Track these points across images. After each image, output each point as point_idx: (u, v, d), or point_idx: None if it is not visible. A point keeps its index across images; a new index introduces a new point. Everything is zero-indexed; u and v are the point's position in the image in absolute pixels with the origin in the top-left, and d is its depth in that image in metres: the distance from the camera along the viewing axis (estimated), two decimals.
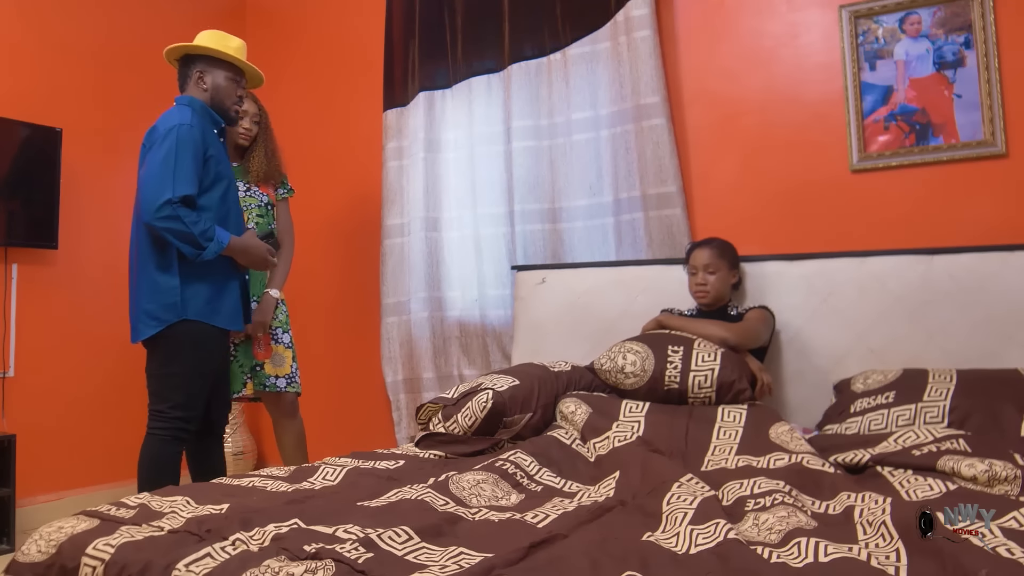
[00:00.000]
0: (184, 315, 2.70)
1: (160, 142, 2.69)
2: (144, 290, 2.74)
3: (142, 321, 2.74)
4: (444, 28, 3.99)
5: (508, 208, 3.78)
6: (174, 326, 2.70)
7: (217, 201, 2.78)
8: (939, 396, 2.33)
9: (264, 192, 3.39)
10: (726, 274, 2.89)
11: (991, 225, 2.86)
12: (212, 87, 2.89)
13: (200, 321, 2.73)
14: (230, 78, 2.92)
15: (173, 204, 2.60)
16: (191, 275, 2.72)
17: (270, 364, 3.29)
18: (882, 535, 1.48)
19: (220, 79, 2.90)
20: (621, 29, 3.50)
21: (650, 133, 3.40)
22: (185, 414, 2.74)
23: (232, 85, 2.93)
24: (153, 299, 2.71)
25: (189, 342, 2.72)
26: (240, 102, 2.99)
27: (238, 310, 2.87)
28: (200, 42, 2.89)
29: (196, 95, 2.88)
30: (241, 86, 2.98)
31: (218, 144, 2.86)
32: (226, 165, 2.86)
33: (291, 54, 4.80)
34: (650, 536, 1.54)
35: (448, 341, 3.93)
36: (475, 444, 2.41)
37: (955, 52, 2.97)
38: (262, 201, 3.37)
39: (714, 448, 2.30)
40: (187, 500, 1.77)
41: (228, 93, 2.91)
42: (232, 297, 2.84)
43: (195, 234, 2.63)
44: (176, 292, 2.70)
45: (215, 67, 2.89)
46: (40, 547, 1.58)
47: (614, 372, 2.67)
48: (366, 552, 1.38)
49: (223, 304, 2.80)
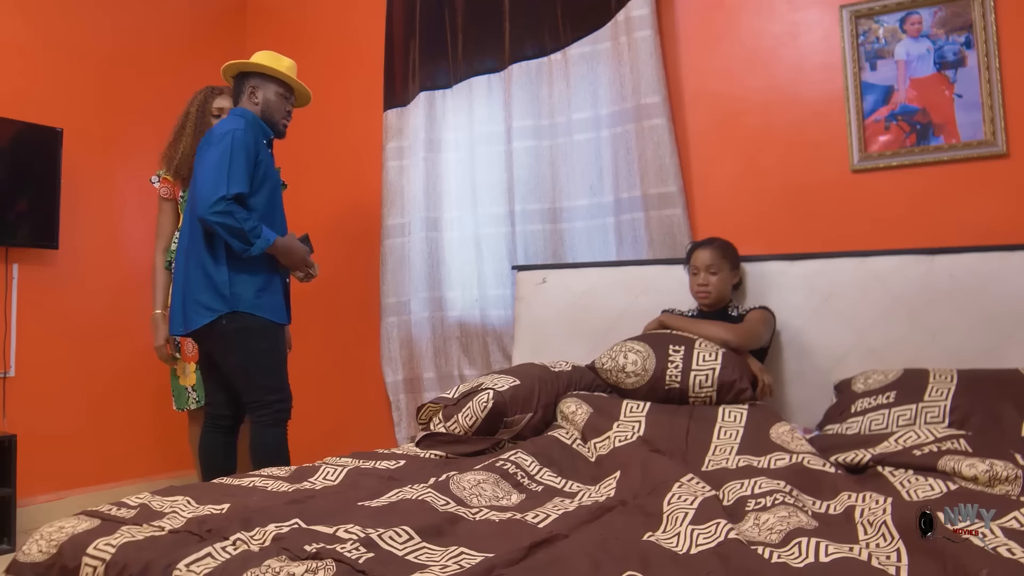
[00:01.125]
0: (236, 307, 2.85)
1: (216, 143, 2.85)
2: (197, 282, 2.88)
3: (194, 310, 2.87)
4: (444, 28, 3.99)
5: (509, 208, 3.78)
6: (232, 315, 2.85)
7: (264, 203, 2.94)
8: (940, 396, 2.33)
9: None
10: (728, 274, 2.89)
11: (992, 225, 2.86)
12: (263, 101, 3.06)
13: (253, 314, 2.88)
14: (280, 94, 3.10)
15: (227, 200, 2.76)
16: (240, 269, 2.88)
17: None
18: (883, 535, 1.48)
19: (271, 94, 3.08)
20: (622, 29, 3.50)
21: (651, 133, 3.40)
22: (283, 396, 2.97)
23: (281, 100, 3.10)
24: (206, 290, 2.86)
25: (254, 333, 2.89)
26: (288, 117, 3.15)
27: (282, 305, 3.01)
28: (255, 60, 3.09)
29: (248, 108, 3.06)
30: (290, 102, 3.15)
31: (267, 152, 3.01)
32: (273, 173, 3.03)
33: (291, 54, 4.76)
34: (651, 536, 1.54)
35: (448, 341, 3.93)
36: (476, 444, 2.42)
37: (956, 52, 2.97)
38: None
39: (715, 448, 2.30)
40: (188, 500, 1.77)
41: (278, 108, 3.09)
42: (276, 293, 2.98)
43: (245, 230, 2.78)
44: (227, 284, 2.86)
45: (267, 83, 3.08)
46: (41, 547, 1.58)
47: (615, 371, 2.67)
48: (367, 552, 1.38)
49: (273, 299, 2.95)
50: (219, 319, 2.84)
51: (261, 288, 2.91)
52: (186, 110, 3.37)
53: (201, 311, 2.85)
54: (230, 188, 2.77)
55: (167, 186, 3.39)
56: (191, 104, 3.38)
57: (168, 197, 3.40)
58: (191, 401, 3.34)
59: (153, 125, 4.32)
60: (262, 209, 2.93)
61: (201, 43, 4.70)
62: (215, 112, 3.33)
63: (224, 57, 4.83)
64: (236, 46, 4.93)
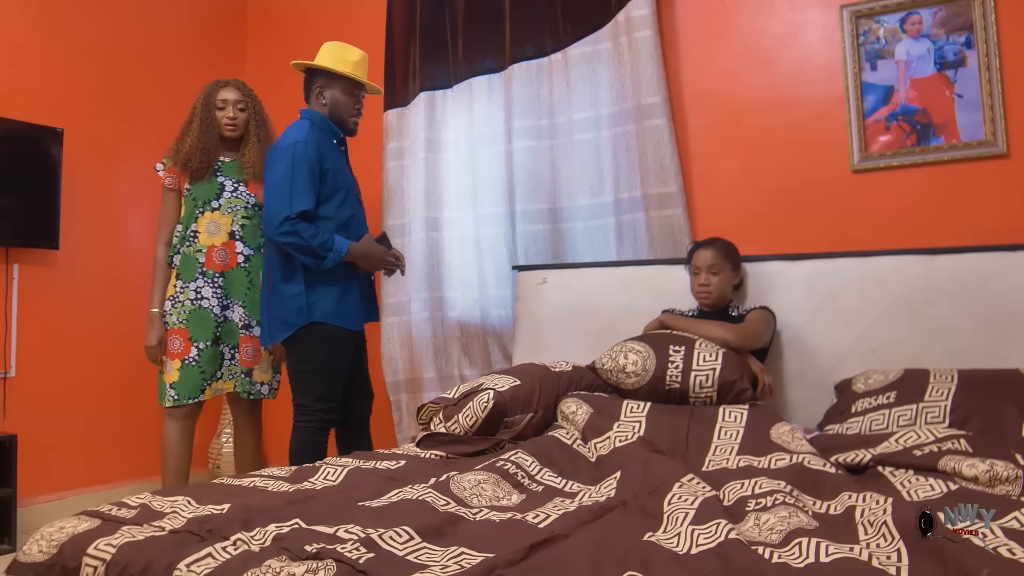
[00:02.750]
0: (311, 318, 2.97)
1: (279, 160, 2.95)
2: (275, 299, 3.03)
3: (276, 327, 3.03)
4: (445, 28, 3.99)
5: (509, 208, 3.78)
6: (304, 328, 2.97)
7: (336, 210, 3.03)
8: (940, 396, 2.33)
9: (253, 193, 3.36)
10: (729, 275, 2.89)
11: (992, 225, 2.86)
12: (331, 102, 3.12)
13: (323, 323, 2.98)
14: (347, 91, 3.13)
15: (291, 220, 2.86)
16: (315, 282, 2.99)
17: (258, 370, 3.36)
18: (883, 535, 1.48)
19: (338, 93, 3.11)
20: (622, 29, 3.50)
21: (651, 133, 3.40)
22: (326, 406, 3.02)
23: (349, 99, 3.14)
24: (283, 306, 2.99)
25: (319, 342, 3.00)
26: (358, 113, 3.19)
27: (359, 311, 3.10)
28: (320, 57, 3.13)
29: (317, 108, 3.13)
30: (358, 97, 3.18)
31: (336, 155, 3.09)
32: (344, 175, 3.09)
33: (291, 54, 4.78)
34: (651, 536, 1.54)
35: (449, 341, 3.93)
36: (476, 444, 2.42)
37: (956, 52, 2.97)
38: (249, 202, 3.35)
39: (715, 448, 2.30)
40: (188, 500, 1.77)
41: (346, 106, 3.13)
42: (353, 299, 3.07)
43: (314, 247, 2.89)
44: (302, 298, 2.97)
45: (333, 82, 3.12)
46: (41, 547, 1.58)
47: (615, 371, 2.67)
48: (367, 552, 1.38)
49: (346, 306, 3.04)
50: (298, 331, 2.97)
51: (338, 298, 3.01)
52: (193, 105, 3.35)
53: (281, 327, 3.00)
54: (293, 207, 2.87)
55: (172, 176, 3.33)
56: (198, 99, 3.35)
57: (172, 187, 3.34)
58: (168, 399, 3.22)
59: (154, 125, 4.32)
60: (336, 216, 3.02)
61: (201, 43, 4.70)
62: (219, 104, 3.30)
63: (224, 57, 4.86)
64: (236, 46, 4.94)
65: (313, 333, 2.98)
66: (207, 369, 3.24)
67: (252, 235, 3.35)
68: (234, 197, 3.32)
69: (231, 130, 3.32)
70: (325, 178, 2.99)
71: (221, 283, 3.28)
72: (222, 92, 3.33)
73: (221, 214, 3.30)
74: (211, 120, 3.30)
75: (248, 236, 3.34)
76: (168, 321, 3.24)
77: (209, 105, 3.31)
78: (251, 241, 3.35)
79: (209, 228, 3.28)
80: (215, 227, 3.29)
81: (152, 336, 3.26)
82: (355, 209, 3.13)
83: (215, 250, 3.28)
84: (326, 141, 3.05)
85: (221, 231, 3.29)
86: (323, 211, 2.99)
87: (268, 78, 4.89)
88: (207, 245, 3.27)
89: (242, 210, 3.33)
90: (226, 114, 3.31)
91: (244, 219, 3.34)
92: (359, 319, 3.12)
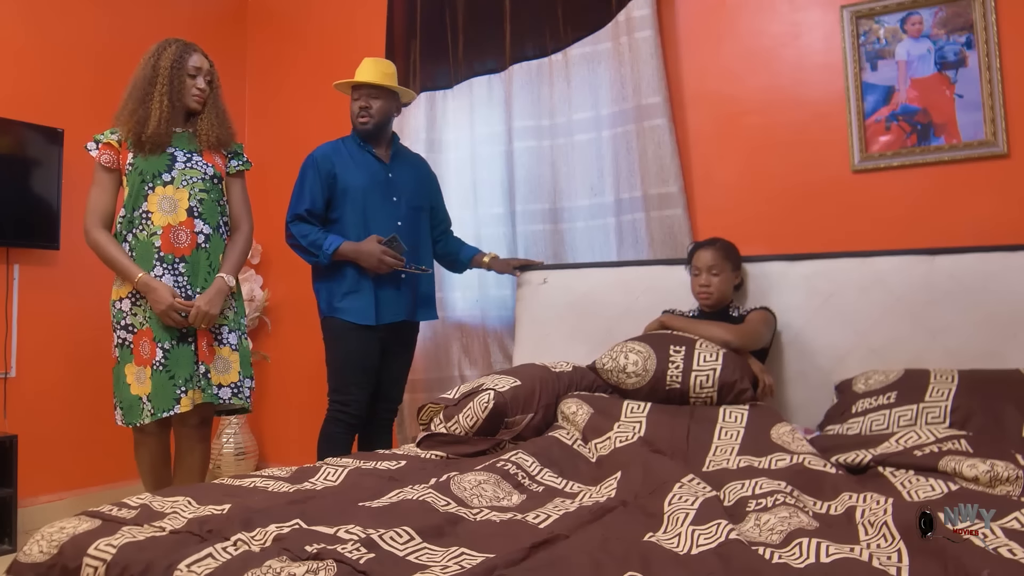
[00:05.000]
0: (324, 313, 3.23)
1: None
2: None
3: None
4: (445, 28, 3.99)
5: (509, 208, 3.78)
6: (323, 321, 3.24)
7: (347, 213, 3.21)
8: (941, 396, 2.33)
9: (210, 163, 2.94)
10: (729, 275, 2.89)
11: (993, 225, 2.86)
12: (351, 114, 3.31)
13: (334, 317, 3.18)
14: (353, 98, 3.31)
15: (287, 224, 3.18)
16: (327, 279, 3.21)
17: (214, 370, 2.88)
18: (884, 536, 1.48)
19: (350, 104, 3.32)
20: (622, 29, 3.50)
21: (651, 133, 3.40)
22: (339, 397, 3.19)
23: (353, 104, 3.30)
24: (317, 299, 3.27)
25: (330, 335, 3.23)
26: (361, 112, 3.27)
27: (370, 308, 3.17)
28: None
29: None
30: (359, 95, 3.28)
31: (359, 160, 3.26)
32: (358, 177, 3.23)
33: (292, 55, 4.80)
34: (652, 536, 1.54)
35: (449, 342, 3.93)
36: (476, 444, 2.42)
37: (956, 52, 2.97)
38: (207, 173, 2.91)
39: (715, 448, 2.30)
40: (188, 500, 1.77)
41: (353, 111, 3.30)
42: (365, 296, 3.17)
43: (304, 245, 3.14)
44: (318, 294, 3.25)
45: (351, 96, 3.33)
46: (42, 547, 1.58)
47: (616, 372, 2.67)
48: (367, 552, 1.38)
49: (355, 302, 3.17)
50: (322, 324, 3.25)
51: (346, 292, 3.17)
52: (152, 65, 2.85)
53: None
54: (289, 212, 3.18)
55: (110, 152, 2.84)
56: (159, 59, 2.86)
57: (111, 166, 2.85)
58: (145, 413, 2.75)
59: None
60: (348, 219, 3.19)
61: (201, 43, 4.63)
62: (191, 72, 2.88)
63: (224, 57, 4.85)
64: (236, 46, 4.94)
65: (328, 326, 3.23)
66: (178, 374, 2.78)
67: (212, 211, 2.90)
68: (189, 168, 2.87)
69: (199, 101, 2.91)
70: (336, 182, 3.20)
71: (183, 269, 2.82)
72: (194, 58, 2.90)
73: (175, 188, 2.82)
74: (181, 88, 2.86)
75: (208, 212, 2.88)
76: (134, 323, 2.79)
77: (181, 70, 2.86)
78: (211, 218, 2.89)
79: (163, 206, 2.81)
80: (170, 204, 2.82)
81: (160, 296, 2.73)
82: (371, 210, 3.23)
83: (172, 230, 2.81)
84: (352, 150, 3.28)
85: (177, 208, 2.82)
86: (334, 214, 3.21)
87: (267, 79, 4.90)
88: (162, 226, 2.80)
89: (200, 182, 2.88)
90: (197, 84, 2.90)
91: (202, 192, 2.88)
92: (373, 315, 3.17)
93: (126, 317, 2.81)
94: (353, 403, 3.17)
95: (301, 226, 3.15)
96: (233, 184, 3.06)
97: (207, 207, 2.89)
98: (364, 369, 3.20)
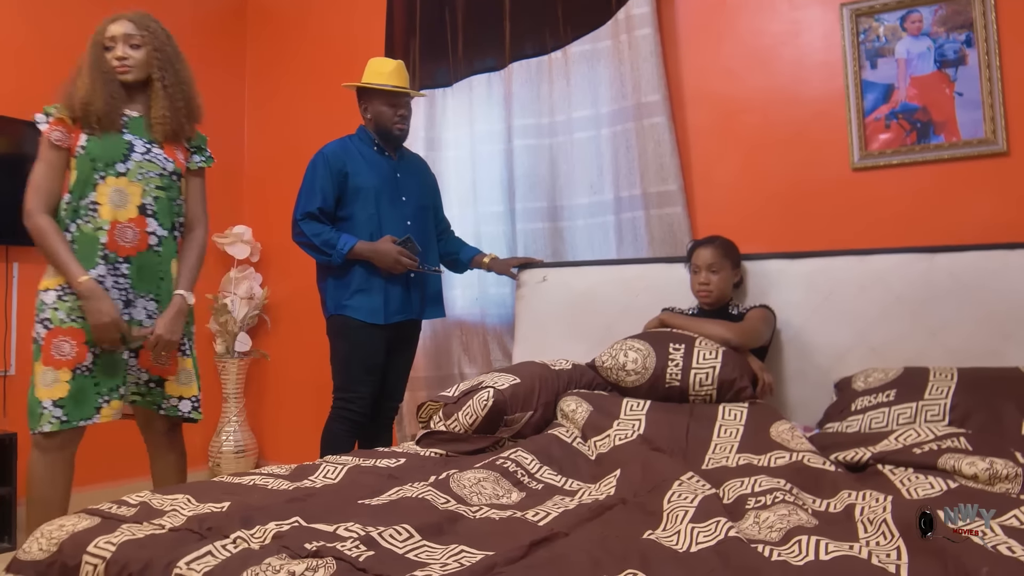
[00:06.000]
0: (331, 311, 3.21)
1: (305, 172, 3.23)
2: None
3: None
4: (445, 26, 3.99)
5: (509, 206, 3.78)
6: (330, 320, 3.24)
7: (358, 212, 3.19)
8: (940, 394, 2.33)
9: (171, 157, 2.69)
10: (729, 273, 2.89)
11: (992, 223, 2.86)
12: (374, 115, 3.28)
13: (342, 315, 3.17)
14: (387, 102, 3.25)
15: (297, 222, 3.15)
16: (335, 277, 3.20)
17: (175, 382, 2.70)
18: (883, 533, 1.48)
19: (378, 106, 3.26)
20: (622, 27, 3.50)
21: (651, 131, 3.40)
22: (344, 395, 3.19)
23: (389, 109, 3.25)
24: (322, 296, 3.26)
25: (337, 333, 3.22)
26: (402, 119, 3.28)
27: (379, 306, 3.17)
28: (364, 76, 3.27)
29: (365, 123, 3.33)
30: (400, 104, 3.26)
31: (370, 160, 3.24)
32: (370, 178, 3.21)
33: (292, 53, 4.80)
34: (651, 534, 1.54)
35: (449, 339, 3.93)
36: (476, 442, 2.42)
37: (956, 50, 2.97)
38: (165, 168, 2.66)
39: (715, 446, 2.30)
40: (188, 498, 1.77)
41: (387, 116, 3.26)
42: (375, 295, 3.17)
43: (317, 244, 3.11)
44: (325, 292, 3.24)
45: (373, 97, 3.27)
46: (41, 545, 1.58)
47: (615, 369, 2.67)
48: (367, 550, 1.38)
49: (366, 301, 3.16)
50: (328, 322, 3.25)
51: (356, 290, 3.16)
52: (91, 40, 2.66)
53: None
54: (299, 210, 3.15)
55: (61, 129, 2.57)
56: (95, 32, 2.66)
57: (61, 144, 2.57)
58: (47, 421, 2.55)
59: None
60: (359, 217, 3.18)
61: (201, 43, 4.69)
62: (107, 43, 2.62)
63: (224, 57, 4.85)
64: (236, 46, 4.93)
65: (334, 324, 3.22)
66: (103, 381, 2.55)
67: (167, 211, 2.66)
68: (147, 160, 2.62)
69: (123, 72, 2.61)
70: (347, 181, 3.17)
71: (126, 271, 2.58)
72: (111, 28, 2.63)
73: (129, 181, 2.58)
74: (101, 61, 2.60)
75: (162, 212, 2.65)
76: (52, 318, 2.52)
77: (97, 44, 2.62)
78: (165, 219, 2.65)
79: (113, 198, 2.55)
80: (120, 197, 2.56)
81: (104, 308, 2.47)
82: (382, 209, 3.22)
83: (119, 227, 2.56)
84: (362, 149, 3.26)
85: (128, 203, 2.58)
86: (344, 212, 3.19)
87: (268, 78, 4.90)
88: (109, 220, 2.55)
89: (156, 178, 2.64)
90: (115, 54, 2.60)
91: (159, 190, 2.64)
92: (382, 314, 3.17)
93: (46, 310, 2.52)
94: (358, 400, 3.18)
95: (313, 224, 3.13)
96: (192, 181, 2.78)
97: (161, 206, 2.64)
98: (371, 367, 3.20)
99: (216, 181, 4.75)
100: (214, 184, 4.70)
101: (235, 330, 4.53)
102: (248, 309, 4.57)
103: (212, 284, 4.64)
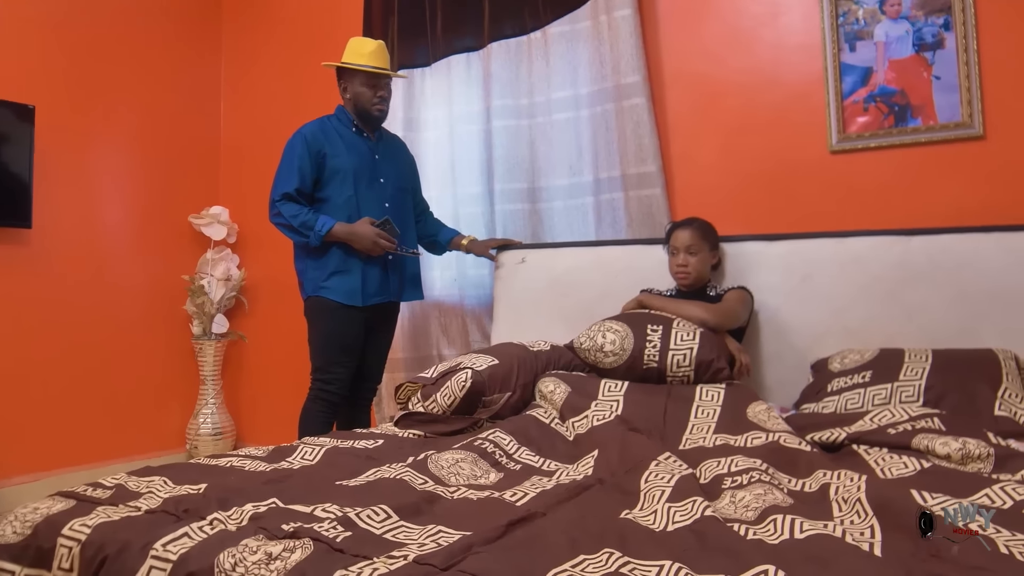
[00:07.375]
0: (309, 293, 3.21)
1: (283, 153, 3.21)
2: None
3: None
4: (423, 5, 3.95)
5: (488, 187, 3.77)
6: (307, 301, 3.23)
7: (336, 193, 3.17)
8: (915, 375, 2.36)
9: None
10: (707, 255, 2.90)
11: (968, 206, 2.88)
12: (353, 96, 3.25)
13: (320, 296, 3.16)
14: (366, 83, 3.22)
15: (275, 203, 3.13)
16: (313, 258, 3.18)
17: None
18: (857, 512, 1.49)
19: (357, 86, 3.23)
20: (601, 8, 3.48)
21: (630, 113, 3.39)
22: (322, 376, 3.19)
23: (368, 90, 3.22)
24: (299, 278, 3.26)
25: (314, 314, 3.22)
26: (381, 100, 3.25)
27: (357, 288, 3.16)
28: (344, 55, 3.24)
29: (344, 104, 3.31)
30: (380, 84, 3.24)
31: (348, 141, 3.22)
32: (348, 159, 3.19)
33: (269, 35, 4.74)
34: (628, 514, 1.55)
35: (427, 321, 3.92)
36: (454, 423, 2.42)
37: (934, 34, 2.98)
38: None
39: (692, 427, 2.31)
40: (164, 480, 1.77)
41: (366, 96, 3.23)
42: (353, 277, 3.16)
43: (295, 225, 3.09)
44: (302, 273, 3.24)
45: (352, 76, 3.24)
46: (15, 528, 1.57)
47: (593, 351, 2.68)
48: (344, 531, 1.38)
49: (342, 282, 3.15)
50: (305, 304, 3.24)
51: (333, 272, 3.15)
52: None
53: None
54: (276, 191, 3.14)
55: None
56: None
57: None
58: None
59: (127, 103, 4.27)
60: (337, 199, 3.16)
61: (177, 21, 4.63)
62: None
63: (199, 36, 4.79)
64: (212, 24, 4.87)
65: (311, 306, 3.22)
66: None
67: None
68: None
69: None
70: (324, 162, 3.16)
71: None
72: None
73: None
74: None
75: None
76: None
77: None
78: None
79: None
80: None
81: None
82: (360, 191, 3.21)
83: None
84: (340, 130, 3.24)
85: None
86: (322, 193, 3.17)
87: (244, 59, 4.84)
88: None
89: None
90: None
91: None
92: (360, 296, 3.17)
93: None
94: (336, 382, 3.18)
95: (290, 205, 3.10)
96: None
97: None
98: (348, 348, 3.20)
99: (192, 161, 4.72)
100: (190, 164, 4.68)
101: (212, 312, 4.50)
102: (225, 290, 4.53)
103: (189, 265, 4.60)
